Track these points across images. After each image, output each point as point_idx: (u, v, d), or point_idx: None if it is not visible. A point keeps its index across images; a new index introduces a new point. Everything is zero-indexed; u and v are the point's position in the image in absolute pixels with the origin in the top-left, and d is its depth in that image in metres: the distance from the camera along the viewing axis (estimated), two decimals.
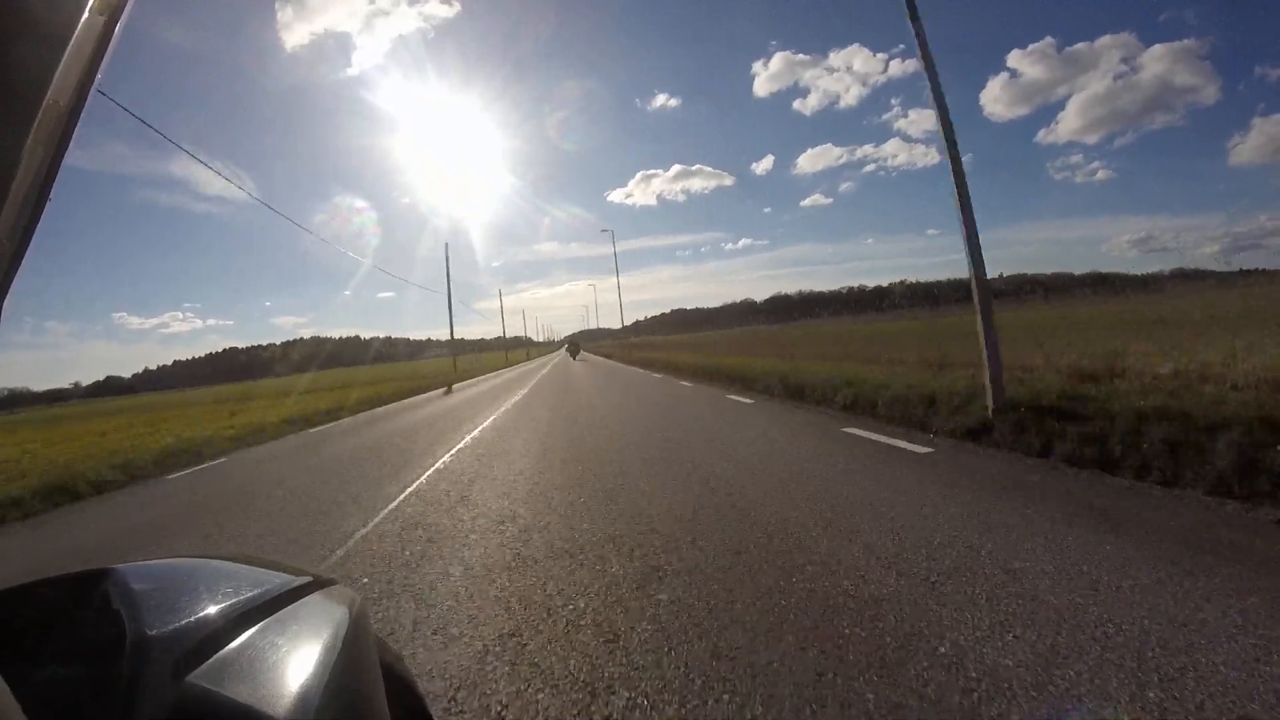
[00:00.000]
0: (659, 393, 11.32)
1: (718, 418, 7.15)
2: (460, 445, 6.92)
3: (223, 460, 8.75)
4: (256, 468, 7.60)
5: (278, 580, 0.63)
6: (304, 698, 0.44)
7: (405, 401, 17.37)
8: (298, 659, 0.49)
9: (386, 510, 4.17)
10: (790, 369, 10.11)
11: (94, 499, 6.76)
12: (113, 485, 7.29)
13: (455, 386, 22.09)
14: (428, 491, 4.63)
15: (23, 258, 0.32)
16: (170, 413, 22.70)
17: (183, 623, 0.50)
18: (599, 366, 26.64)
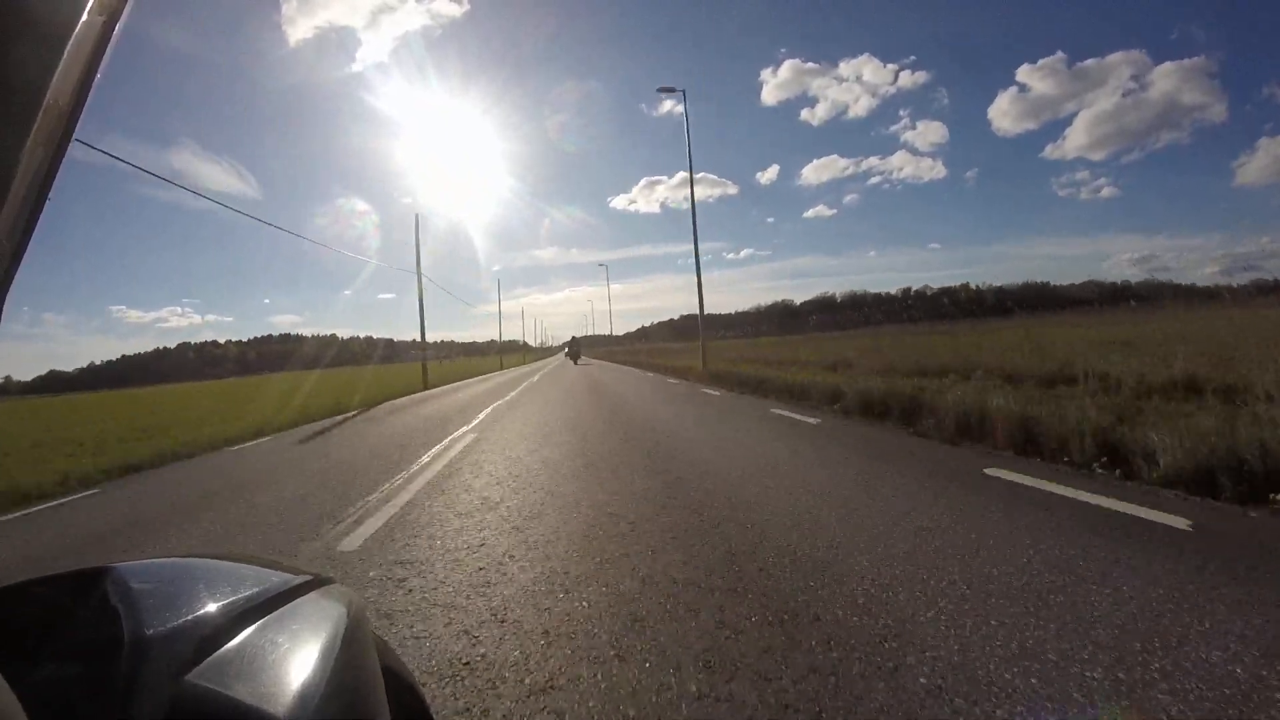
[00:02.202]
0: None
1: None
2: None
3: None
4: None
5: (276, 579, 0.63)
6: (303, 696, 0.44)
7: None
8: (296, 658, 0.49)
9: None
10: None
11: None
12: None
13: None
14: None
15: (22, 257, 0.32)
16: None
17: (181, 621, 0.50)
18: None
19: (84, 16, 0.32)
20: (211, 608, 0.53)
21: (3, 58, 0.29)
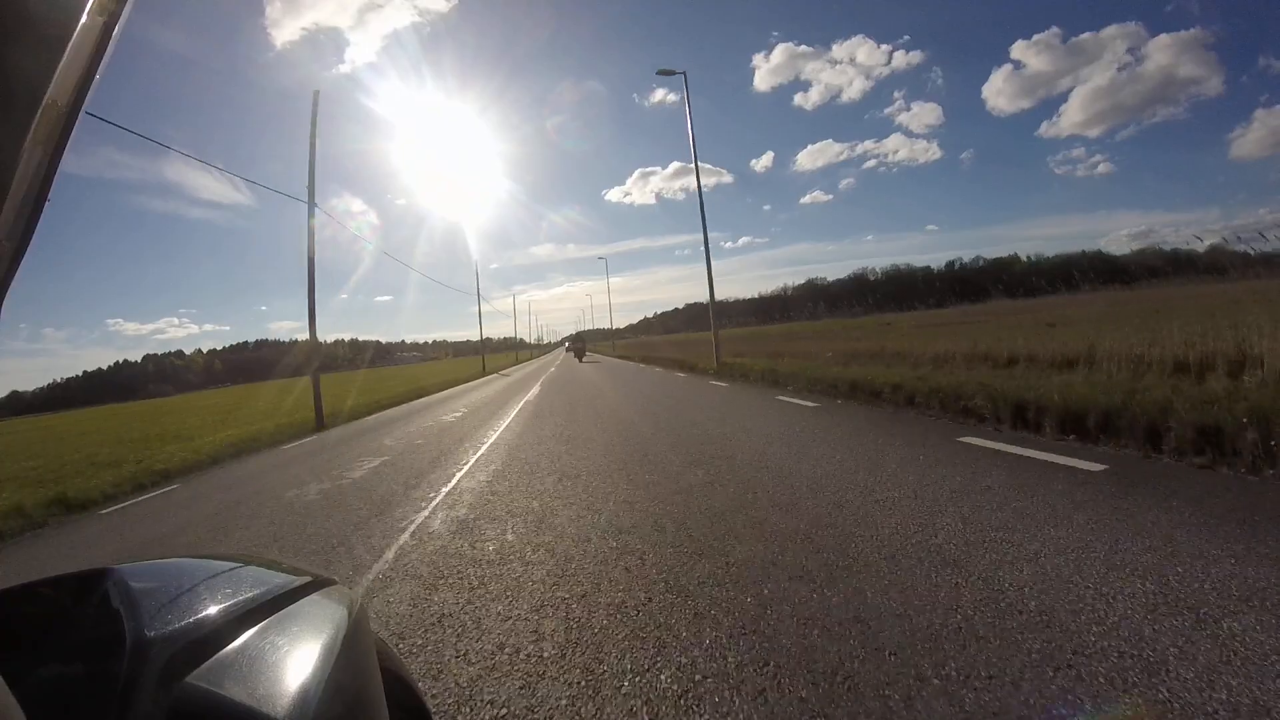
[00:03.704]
0: None
1: None
2: None
3: None
4: None
5: (277, 580, 0.63)
6: (303, 698, 0.44)
7: None
8: (297, 659, 0.49)
9: None
10: None
11: None
12: None
13: None
14: None
15: (22, 258, 0.32)
16: None
17: (182, 623, 0.50)
18: None
19: (84, 17, 0.32)
20: (212, 610, 0.53)
21: (3, 58, 0.29)
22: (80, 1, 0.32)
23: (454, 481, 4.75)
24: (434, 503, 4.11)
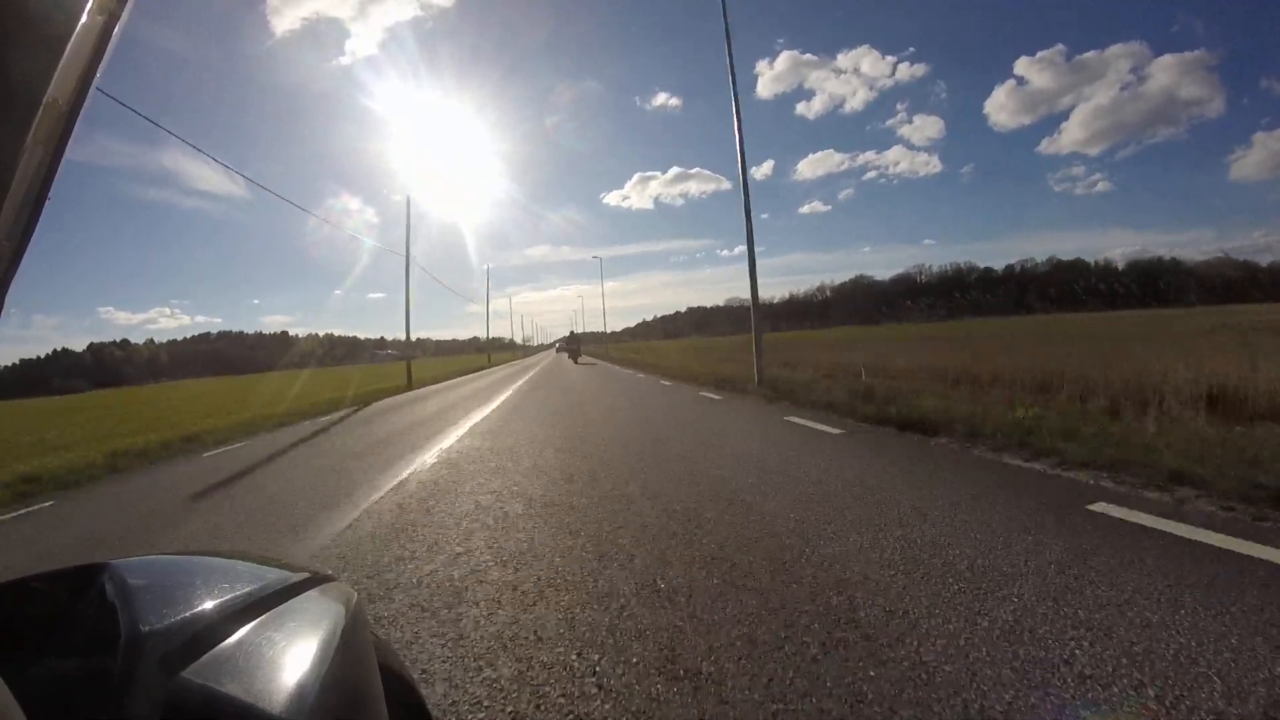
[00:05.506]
0: None
1: None
2: None
3: None
4: None
5: (274, 576, 0.63)
6: (300, 694, 0.44)
7: None
8: (294, 655, 0.49)
9: None
10: None
11: None
12: None
13: None
14: None
15: (22, 257, 0.32)
16: None
17: (178, 618, 0.50)
18: None
19: (84, 17, 0.32)
20: (208, 605, 0.53)
21: (3, 58, 0.29)
22: (80, 1, 0.32)
23: None
24: None
